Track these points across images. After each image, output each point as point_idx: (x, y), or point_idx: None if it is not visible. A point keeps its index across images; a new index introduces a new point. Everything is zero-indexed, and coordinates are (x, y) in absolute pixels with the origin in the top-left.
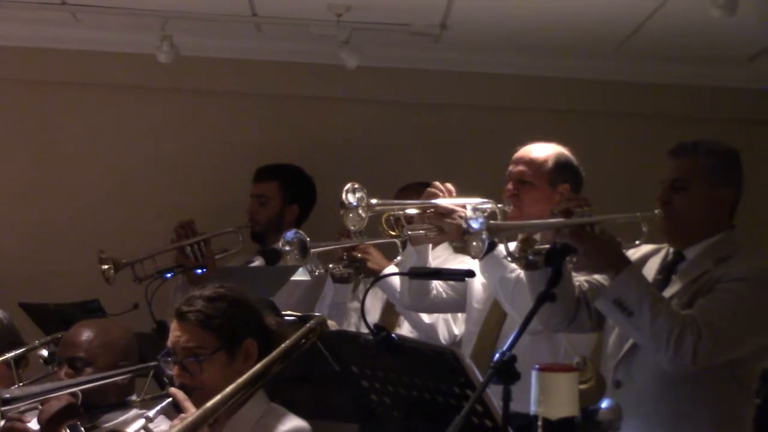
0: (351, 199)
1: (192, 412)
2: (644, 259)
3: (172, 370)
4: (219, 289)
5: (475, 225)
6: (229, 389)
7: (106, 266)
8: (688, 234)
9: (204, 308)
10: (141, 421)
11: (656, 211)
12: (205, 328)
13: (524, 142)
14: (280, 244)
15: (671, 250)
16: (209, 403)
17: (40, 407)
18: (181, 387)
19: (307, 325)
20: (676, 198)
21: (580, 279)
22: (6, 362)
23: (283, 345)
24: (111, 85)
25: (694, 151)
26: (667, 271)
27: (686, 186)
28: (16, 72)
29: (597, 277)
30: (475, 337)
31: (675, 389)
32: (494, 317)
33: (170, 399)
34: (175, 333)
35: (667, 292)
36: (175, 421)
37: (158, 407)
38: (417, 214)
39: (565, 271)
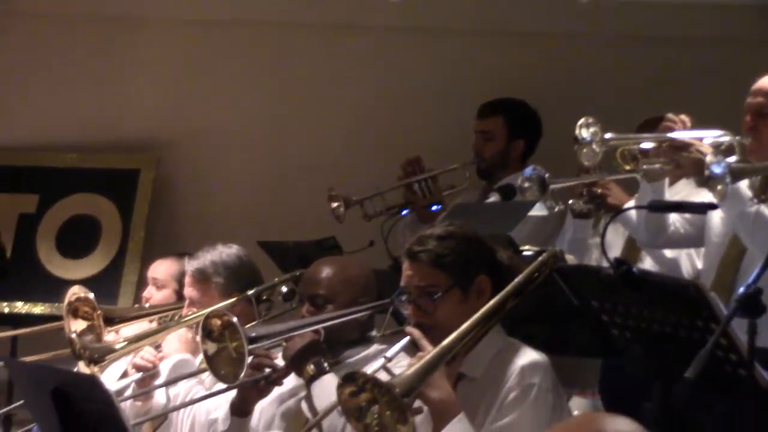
0: (585, 134)
1: (429, 351)
2: None
3: (407, 310)
4: (449, 227)
5: (717, 170)
6: (465, 326)
7: (336, 204)
8: None
9: (435, 247)
10: (380, 361)
11: None
12: (437, 267)
13: (763, 73)
14: (519, 181)
15: None
16: (446, 341)
17: (284, 344)
18: (417, 326)
19: (539, 258)
20: None
21: None
22: (247, 299)
23: (516, 280)
24: (342, 26)
25: None
26: None
27: None
28: (252, 14)
29: None
30: (714, 271)
31: None
32: (733, 252)
33: (408, 338)
34: (407, 273)
35: None
36: (413, 360)
37: (397, 347)
38: (653, 148)
39: None
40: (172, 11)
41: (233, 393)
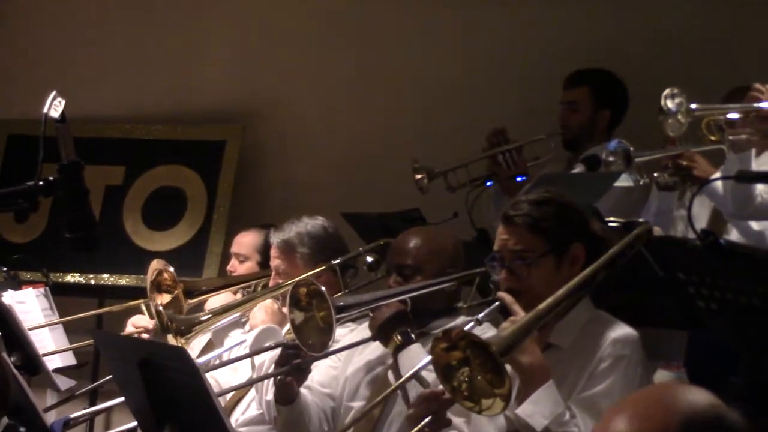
0: (670, 104)
1: (522, 315)
2: None
3: (499, 275)
4: (545, 193)
5: None
6: (561, 291)
7: (419, 176)
8: None
9: (531, 211)
10: (470, 324)
11: None
12: (533, 232)
13: None
14: (604, 155)
15: None
16: (542, 305)
17: (370, 314)
18: (509, 291)
19: (634, 231)
20: None
21: None
22: (332, 269)
23: (611, 250)
24: None
25: None
26: None
27: None
28: None
29: None
30: None
31: None
32: None
33: (498, 303)
34: (502, 236)
35: None
36: (505, 324)
37: (487, 311)
38: (739, 118)
39: None
40: None
41: (329, 360)
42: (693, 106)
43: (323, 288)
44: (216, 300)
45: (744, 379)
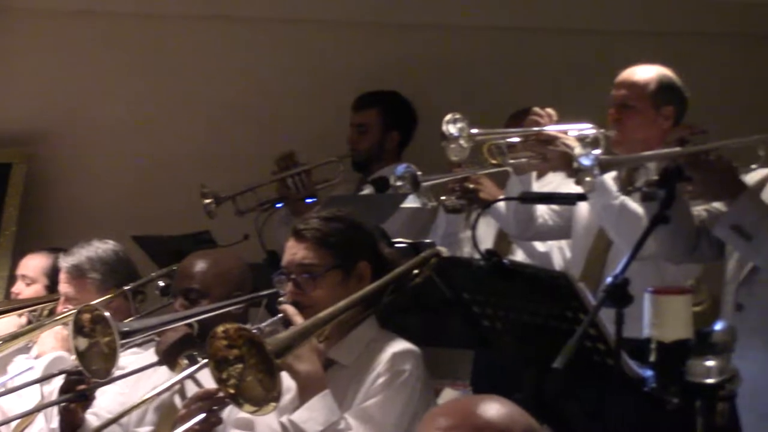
0: (452, 129)
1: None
2: (762, 184)
3: (285, 288)
4: (336, 211)
5: (585, 162)
6: (342, 303)
7: (207, 200)
8: None
9: (321, 227)
10: (253, 332)
11: None
12: (322, 246)
13: (628, 66)
14: (392, 180)
15: None
16: (321, 314)
17: (157, 339)
18: (294, 304)
19: (422, 254)
20: None
21: (698, 209)
22: (123, 294)
23: (397, 269)
24: (211, 17)
25: None
26: None
27: None
28: (122, 5)
29: (716, 205)
30: (582, 262)
31: None
32: (601, 243)
33: (281, 315)
34: (291, 250)
35: None
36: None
37: (269, 321)
38: (519, 142)
39: (683, 201)
40: (43, 2)
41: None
42: (474, 130)
43: (108, 313)
44: (1, 326)
45: (527, 396)
